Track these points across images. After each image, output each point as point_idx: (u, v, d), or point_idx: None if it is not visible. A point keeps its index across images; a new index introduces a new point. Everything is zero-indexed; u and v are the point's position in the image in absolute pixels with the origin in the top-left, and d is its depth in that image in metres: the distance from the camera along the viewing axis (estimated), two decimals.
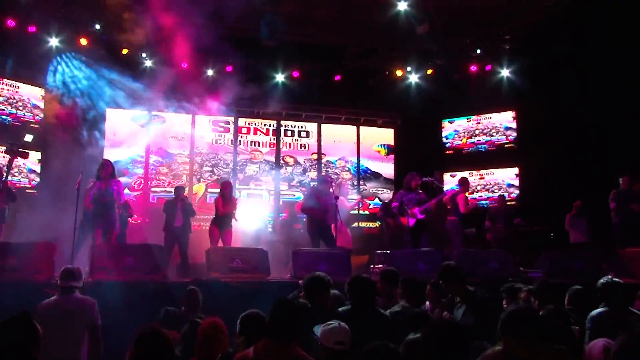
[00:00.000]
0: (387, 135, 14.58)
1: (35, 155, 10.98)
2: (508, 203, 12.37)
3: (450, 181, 13.72)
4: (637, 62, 10.18)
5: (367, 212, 13.92)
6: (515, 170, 13.58)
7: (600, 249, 8.86)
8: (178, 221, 9.26)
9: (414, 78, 13.53)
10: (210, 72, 12.65)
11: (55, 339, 4.05)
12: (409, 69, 13.35)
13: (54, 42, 11.36)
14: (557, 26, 11.28)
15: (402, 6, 10.90)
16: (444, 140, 14.51)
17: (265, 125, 13.84)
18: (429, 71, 13.26)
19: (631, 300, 4.93)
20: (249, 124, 13.75)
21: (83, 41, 11.33)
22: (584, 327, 4.19)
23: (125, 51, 11.73)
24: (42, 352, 3.95)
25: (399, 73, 13.29)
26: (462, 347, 2.60)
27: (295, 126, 14.04)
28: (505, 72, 13.10)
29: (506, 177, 13.68)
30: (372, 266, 8.74)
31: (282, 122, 13.91)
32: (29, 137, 10.45)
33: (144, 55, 11.92)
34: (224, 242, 8.93)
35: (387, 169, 14.47)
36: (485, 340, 3.30)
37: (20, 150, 7.54)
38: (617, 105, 10.56)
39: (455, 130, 14.45)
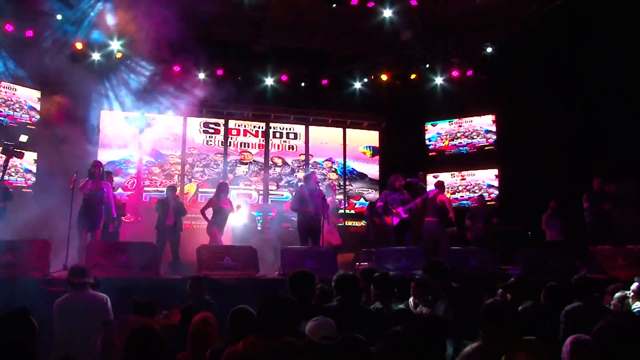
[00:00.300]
0: (372, 137, 14.65)
1: (31, 156, 10.96)
2: (488, 203, 12.49)
3: (433, 182, 13.80)
4: (610, 68, 10.33)
5: (352, 211, 13.98)
6: (495, 171, 13.69)
7: (574, 247, 8.96)
8: (170, 220, 9.23)
9: (398, 82, 13.55)
10: (201, 76, 12.61)
11: (73, 334, 4.08)
12: (393, 73, 13.39)
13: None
14: (535, 34, 11.45)
15: (387, 13, 10.96)
16: (427, 142, 14.58)
17: (254, 127, 13.85)
18: (413, 76, 13.33)
19: (602, 295, 5.03)
20: (238, 125, 13.75)
21: (78, 45, 11.23)
22: (560, 321, 4.25)
23: (119, 55, 11.65)
24: (59, 347, 3.96)
25: (383, 77, 13.34)
26: (438, 342, 2.60)
27: (283, 128, 14.06)
28: (485, 77, 13.18)
29: (486, 178, 13.80)
30: (357, 264, 8.78)
31: (271, 124, 13.92)
32: (23, 138, 10.34)
33: (137, 59, 11.84)
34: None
35: (372, 169, 14.54)
36: (465, 333, 3.33)
37: (15, 150, 7.46)
38: (591, 111, 10.69)
39: (438, 132, 14.54)
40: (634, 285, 4.54)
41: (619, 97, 10.24)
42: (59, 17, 10.69)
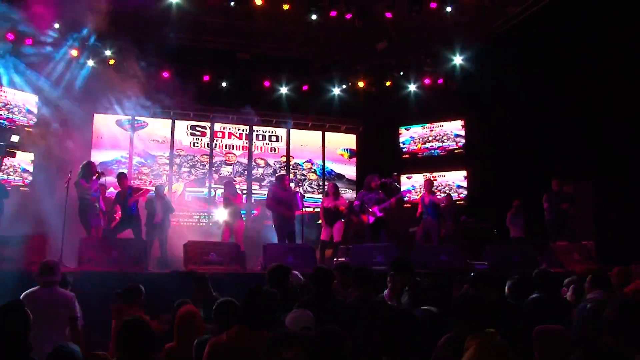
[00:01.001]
0: (349, 140, 14.69)
1: (28, 156, 10.92)
2: (457, 202, 12.61)
3: (406, 182, 13.92)
4: (567, 79, 10.54)
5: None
6: (464, 173, 13.82)
7: (535, 243, 9.08)
8: (158, 217, 9.16)
9: (374, 89, 13.58)
10: (189, 81, 12.47)
11: (40, 328, 4.00)
12: (369, 80, 13.44)
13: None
14: (500, 46, 11.64)
15: (364, 25, 10.98)
16: (401, 145, 14.65)
17: (238, 130, 13.80)
18: (388, 83, 13.39)
19: (560, 287, 5.11)
20: (223, 128, 13.69)
21: (74, 52, 11.06)
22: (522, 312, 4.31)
23: (112, 62, 11.50)
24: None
25: (360, 84, 13.37)
26: (406, 332, 2.60)
27: (266, 131, 14.03)
28: (455, 85, 13.28)
29: (456, 179, 13.93)
30: (335, 259, 8.79)
31: (254, 128, 13.88)
32: (15, 138, 10.26)
33: (128, 64, 11.69)
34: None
35: (350, 171, 14.59)
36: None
37: (8, 150, 7.35)
38: (551, 117, 10.88)
39: (411, 136, 14.63)
40: (589, 278, 4.63)
41: (575, 105, 10.44)
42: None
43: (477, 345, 2.76)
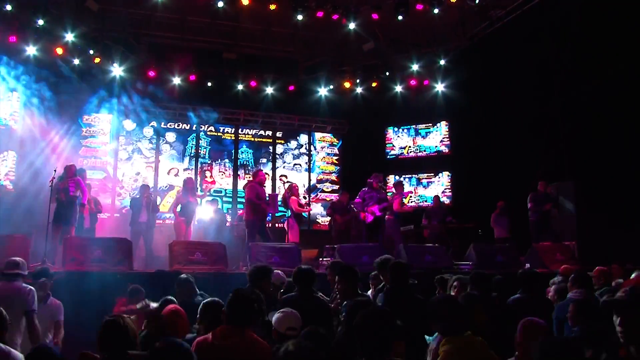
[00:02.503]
0: (335, 141, 14.71)
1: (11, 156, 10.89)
2: (443, 203, 12.66)
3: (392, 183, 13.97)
4: (552, 80, 10.67)
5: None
6: (449, 174, 13.93)
7: (519, 244, 9.16)
8: (143, 217, 9.12)
9: (360, 90, 13.66)
10: (176, 81, 12.41)
11: None
12: (356, 81, 13.49)
13: (31, 50, 10.88)
14: (483, 49, 11.75)
15: (351, 26, 11.04)
16: (387, 146, 14.71)
17: (225, 129, 13.73)
18: (374, 84, 13.44)
19: (544, 287, 5.17)
20: (210, 129, 13.61)
21: (59, 50, 10.90)
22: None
23: (97, 60, 11.38)
24: None
25: (347, 85, 13.41)
26: (383, 332, 2.60)
27: (252, 130, 13.97)
28: (440, 87, 13.41)
29: (441, 180, 14.03)
30: (320, 259, 8.79)
31: (240, 127, 13.82)
32: None
33: (114, 65, 11.60)
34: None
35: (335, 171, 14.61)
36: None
37: None
38: (535, 120, 11.01)
39: (397, 137, 14.69)
40: (571, 277, 4.70)
41: (558, 107, 10.58)
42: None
43: (453, 344, 2.80)
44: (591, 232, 9.16)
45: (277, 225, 11.74)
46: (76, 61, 11.31)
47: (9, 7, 9.93)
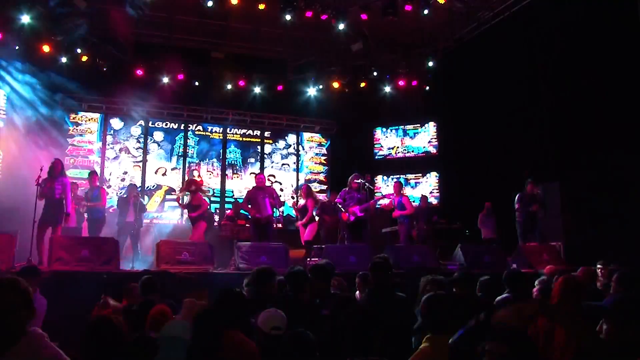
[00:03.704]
0: (324, 141, 14.69)
1: None
2: (431, 204, 12.70)
3: (380, 184, 14.00)
4: (539, 81, 10.75)
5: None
6: (437, 174, 13.98)
7: (505, 244, 9.20)
8: (130, 216, 9.05)
9: (348, 90, 13.61)
10: (165, 80, 12.30)
11: None
12: (344, 82, 13.48)
13: (18, 48, 10.72)
14: (471, 50, 11.82)
15: (340, 26, 11.02)
16: (375, 146, 14.73)
17: (213, 129, 13.65)
18: (362, 84, 13.45)
19: (530, 288, 5.18)
20: (198, 128, 13.53)
21: (46, 48, 10.75)
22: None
23: (84, 58, 11.25)
24: None
25: (335, 85, 13.40)
26: (369, 331, 2.62)
27: (240, 130, 13.91)
28: (428, 88, 13.44)
29: (429, 180, 14.07)
30: (308, 259, 8.76)
31: (229, 127, 13.76)
32: None
33: (102, 63, 11.48)
34: None
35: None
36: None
37: None
38: (522, 121, 11.08)
39: (386, 137, 14.72)
40: (556, 277, 4.71)
41: (544, 107, 10.66)
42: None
43: (433, 343, 2.79)
44: (577, 232, 9.24)
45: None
46: (64, 59, 11.16)
47: None
